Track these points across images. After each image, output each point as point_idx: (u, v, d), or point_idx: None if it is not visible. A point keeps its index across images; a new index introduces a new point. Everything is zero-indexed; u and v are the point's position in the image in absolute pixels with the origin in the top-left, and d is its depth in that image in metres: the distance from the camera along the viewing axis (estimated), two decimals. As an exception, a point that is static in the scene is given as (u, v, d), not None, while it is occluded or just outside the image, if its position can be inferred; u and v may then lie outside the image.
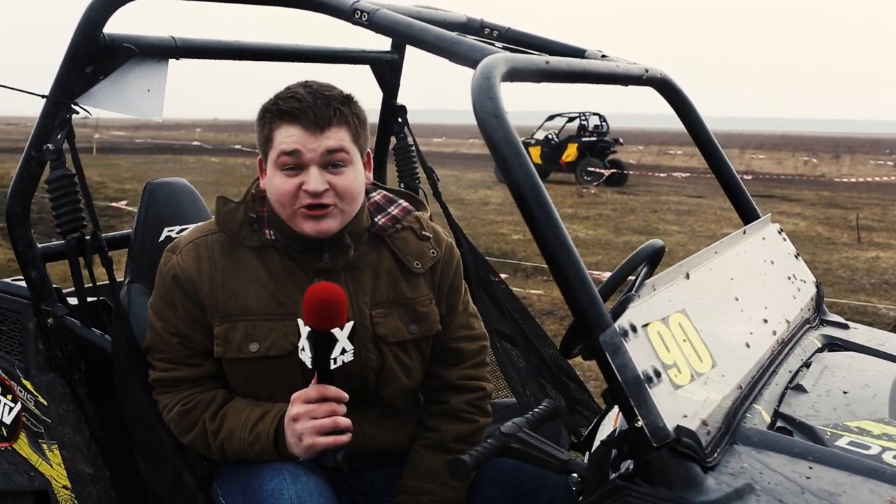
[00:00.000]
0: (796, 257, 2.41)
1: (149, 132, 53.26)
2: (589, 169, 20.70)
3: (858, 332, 2.29)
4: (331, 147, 1.75)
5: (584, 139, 21.42)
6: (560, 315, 6.97)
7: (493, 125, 1.44)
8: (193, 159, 27.84)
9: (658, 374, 1.42)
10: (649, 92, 2.38)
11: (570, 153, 21.30)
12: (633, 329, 1.44)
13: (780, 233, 2.41)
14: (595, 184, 20.09)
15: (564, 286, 1.42)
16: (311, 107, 1.74)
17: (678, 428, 1.36)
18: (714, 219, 14.46)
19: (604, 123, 22.16)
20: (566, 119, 22.68)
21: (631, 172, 22.63)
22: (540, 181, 1.43)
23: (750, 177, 24.97)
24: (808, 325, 2.20)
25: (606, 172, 20.57)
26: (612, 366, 1.37)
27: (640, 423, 1.35)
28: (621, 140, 22.95)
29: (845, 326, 2.31)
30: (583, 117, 22.11)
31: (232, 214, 1.86)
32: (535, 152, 21.70)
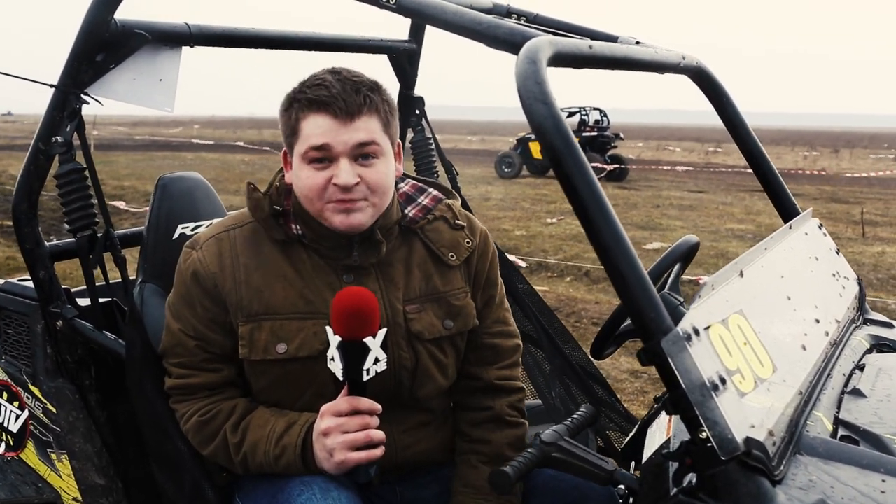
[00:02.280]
0: (837, 253, 2.31)
1: (147, 129, 53.16)
2: (590, 164, 20.61)
3: (905, 332, 2.19)
4: (361, 140, 1.64)
5: (584, 134, 21.35)
6: (566, 312, 6.88)
7: (543, 112, 1.35)
8: (192, 156, 27.77)
9: (723, 381, 1.31)
10: (645, 86, 2.28)
11: (571, 148, 21.17)
12: (696, 332, 1.33)
13: (820, 227, 2.31)
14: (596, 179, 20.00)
15: (620, 285, 1.31)
16: (340, 94, 1.63)
17: (747, 440, 1.26)
18: (717, 214, 14.39)
19: (604, 118, 22.07)
20: (566, 114, 22.57)
21: (632, 167, 22.53)
22: (593, 172, 1.33)
23: (751, 171, 24.92)
24: (854, 325, 2.11)
25: (607, 167, 20.49)
26: (676, 372, 1.26)
27: (706, 434, 1.25)
28: (622, 135, 22.86)
29: (890, 325, 2.21)
30: (583, 112, 22.01)
31: (260, 204, 1.75)
32: (536, 147, 21.60)
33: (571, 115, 22.43)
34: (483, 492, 1.79)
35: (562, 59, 1.49)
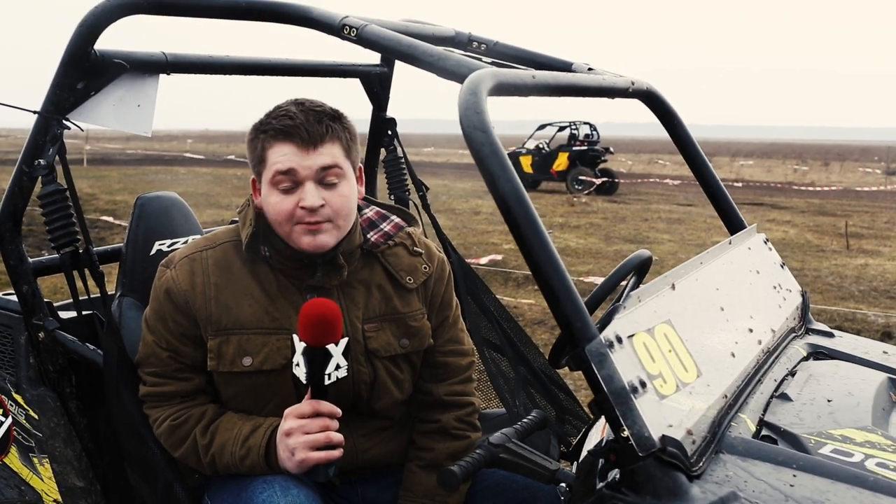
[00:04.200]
0: (782, 266, 2.44)
1: (140, 143, 53.19)
2: (579, 178, 20.78)
3: (843, 341, 2.31)
4: (325, 164, 1.77)
5: (574, 148, 21.50)
6: (551, 325, 6.98)
7: (480, 140, 1.46)
8: (184, 170, 27.82)
9: (643, 385, 1.43)
10: (639, 102, 2.40)
11: (561, 162, 21.38)
12: (619, 340, 1.46)
13: (765, 242, 2.44)
14: (586, 192, 20.17)
15: (550, 297, 1.43)
16: (303, 124, 1.76)
17: (663, 437, 1.38)
18: (704, 227, 14.51)
19: (594, 132, 22.24)
20: (557, 128, 22.74)
21: (621, 181, 22.70)
22: (526, 194, 1.45)
23: (740, 184, 25.10)
24: (793, 334, 2.23)
25: (597, 181, 20.66)
26: (598, 376, 1.39)
27: (626, 432, 1.37)
28: (612, 149, 23.03)
29: (830, 335, 2.33)
30: (573, 126, 22.18)
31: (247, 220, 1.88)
32: (526, 161, 21.76)
33: (562, 129, 22.60)
34: (418, 495, 1.92)
35: (503, 89, 1.61)
